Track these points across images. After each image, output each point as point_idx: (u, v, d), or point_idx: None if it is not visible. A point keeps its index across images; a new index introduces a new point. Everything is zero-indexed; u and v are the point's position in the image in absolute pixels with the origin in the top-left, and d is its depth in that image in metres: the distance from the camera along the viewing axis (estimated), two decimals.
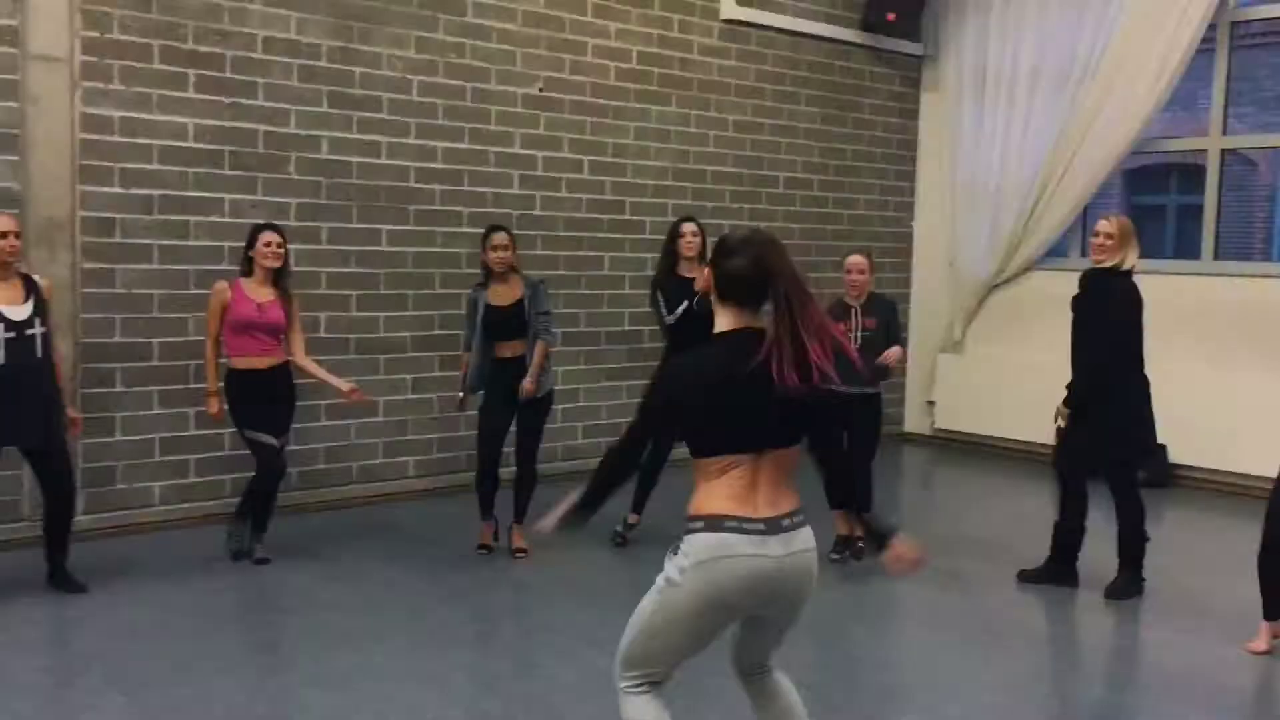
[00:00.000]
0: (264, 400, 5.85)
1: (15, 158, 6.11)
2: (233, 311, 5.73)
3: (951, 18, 10.11)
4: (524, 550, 6.26)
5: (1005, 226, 9.75)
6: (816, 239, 9.81)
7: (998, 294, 10.01)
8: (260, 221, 6.18)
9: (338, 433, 7.33)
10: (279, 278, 5.90)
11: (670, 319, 6.28)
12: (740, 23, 9.13)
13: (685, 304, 6.18)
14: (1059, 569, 6.02)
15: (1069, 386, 5.83)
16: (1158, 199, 13.37)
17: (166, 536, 6.48)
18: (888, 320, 6.30)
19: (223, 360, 5.92)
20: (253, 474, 6.01)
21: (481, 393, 6.25)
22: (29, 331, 5.23)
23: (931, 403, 10.46)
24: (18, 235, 5.27)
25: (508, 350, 6.15)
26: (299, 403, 6.15)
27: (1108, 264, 5.73)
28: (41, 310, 5.30)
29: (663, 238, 8.57)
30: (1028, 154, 9.55)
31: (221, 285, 5.81)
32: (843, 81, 9.93)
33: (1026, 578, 6.08)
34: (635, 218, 8.63)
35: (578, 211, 8.35)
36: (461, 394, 6.35)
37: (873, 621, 5.50)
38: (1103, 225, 5.75)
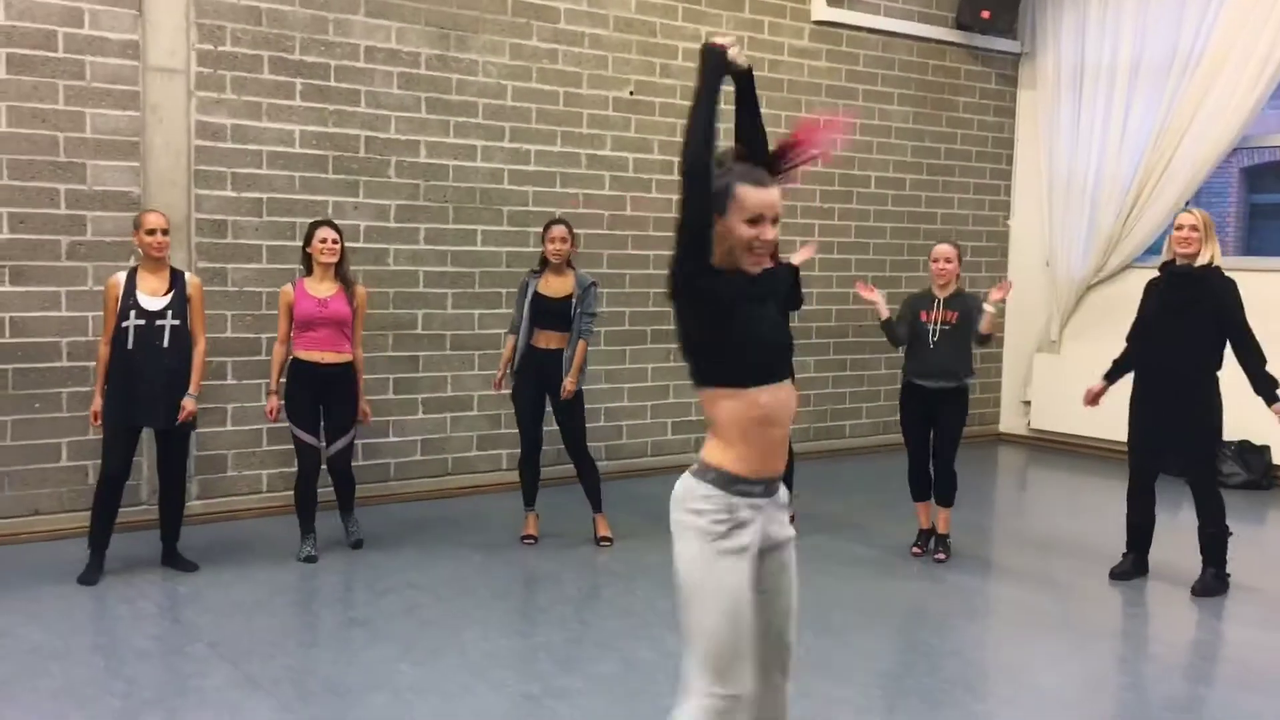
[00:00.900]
0: (316, 395, 6.03)
1: (137, 163, 6.51)
2: (297, 309, 5.97)
3: (1049, 14, 10.02)
4: (608, 539, 6.45)
5: (1103, 225, 9.64)
6: (909, 238, 9.83)
7: (1095, 293, 9.89)
8: (317, 219, 6.41)
9: (434, 426, 7.61)
10: (340, 271, 6.11)
11: None
12: (831, 24, 9.20)
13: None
14: (1140, 561, 6.03)
15: (1266, 385, 5.71)
16: (1275, 198, 13.03)
17: (273, 521, 6.80)
18: (970, 314, 6.31)
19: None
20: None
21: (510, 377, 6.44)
22: (159, 322, 5.61)
23: (1027, 403, 10.37)
24: (165, 232, 5.65)
25: (544, 341, 6.33)
26: (395, 397, 6.43)
27: (1202, 259, 5.67)
28: (179, 304, 5.67)
29: None
30: (1126, 151, 9.43)
31: (286, 287, 6.05)
32: (937, 80, 9.92)
33: (1117, 574, 6.06)
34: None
35: (668, 212, 8.50)
36: (500, 376, 6.53)
37: (955, 615, 5.53)
38: (1186, 218, 5.71)
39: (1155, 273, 5.99)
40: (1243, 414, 8.63)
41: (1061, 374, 9.99)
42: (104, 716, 4.07)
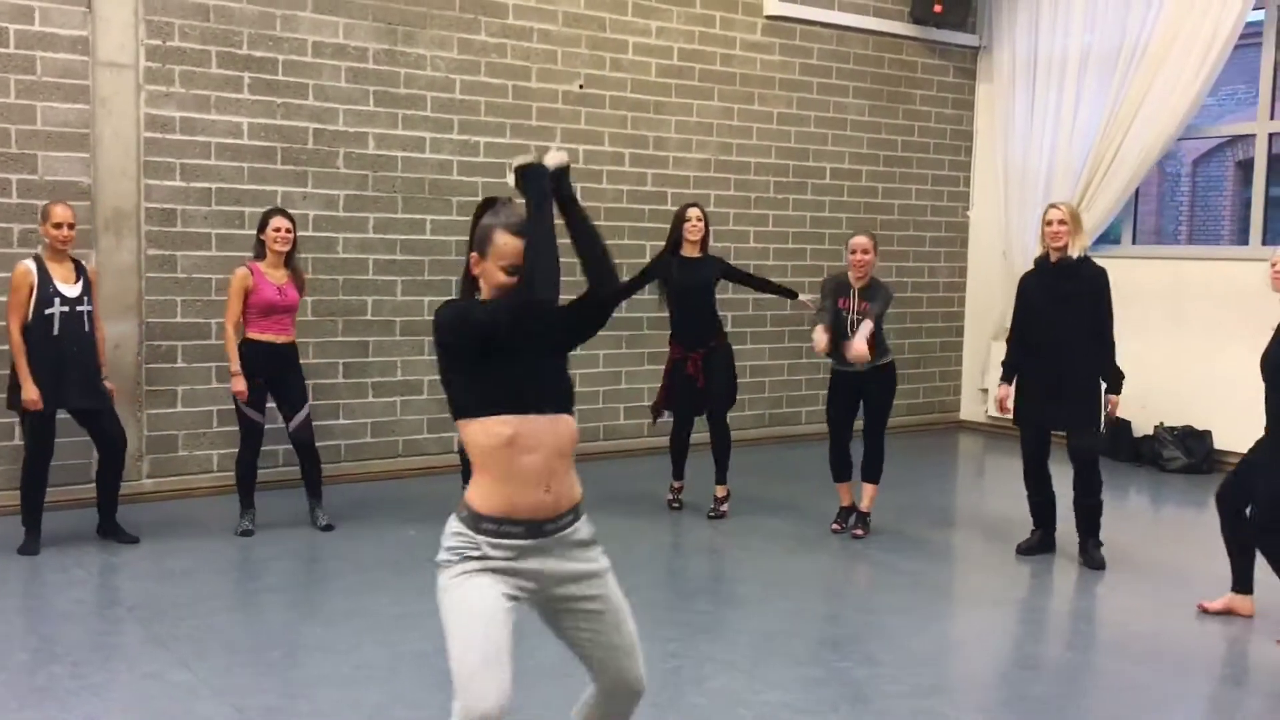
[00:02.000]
0: (266, 375, 6.28)
1: (86, 155, 6.80)
2: (256, 295, 6.21)
3: (1005, 7, 10.18)
4: None
5: None
6: (866, 228, 9.98)
7: None
8: (271, 207, 6.67)
9: (384, 409, 7.87)
10: (290, 259, 6.37)
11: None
12: (784, 18, 9.39)
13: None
14: (1047, 537, 6.21)
15: (1115, 376, 5.95)
16: None
17: (221, 501, 7.04)
18: (879, 305, 6.45)
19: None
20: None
21: None
22: (80, 308, 5.88)
23: (985, 390, 10.51)
24: (72, 225, 5.91)
25: None
26: (346, 380, 6.64)
27: (1073, 251, 5.90)
28: (89, 290, 5.94)
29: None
30: (1077, 140, 9.58)
31: (243, 271, 6.27)
32: (894, 74, 10.09)
33: (1023, 550, 6.24)
34: (676, 208, 8.94)
35: (619, 202, 8.74)
36: None
37: (850, 584, 5.74)
38: (1054, 213, 5.92)
39: (1101, 261, 6.15)
40: (1184, 399, 8.86)
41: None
42: (10, 668, 4.33)
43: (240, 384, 6.25)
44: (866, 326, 6.15)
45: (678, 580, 5.81)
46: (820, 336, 6.22)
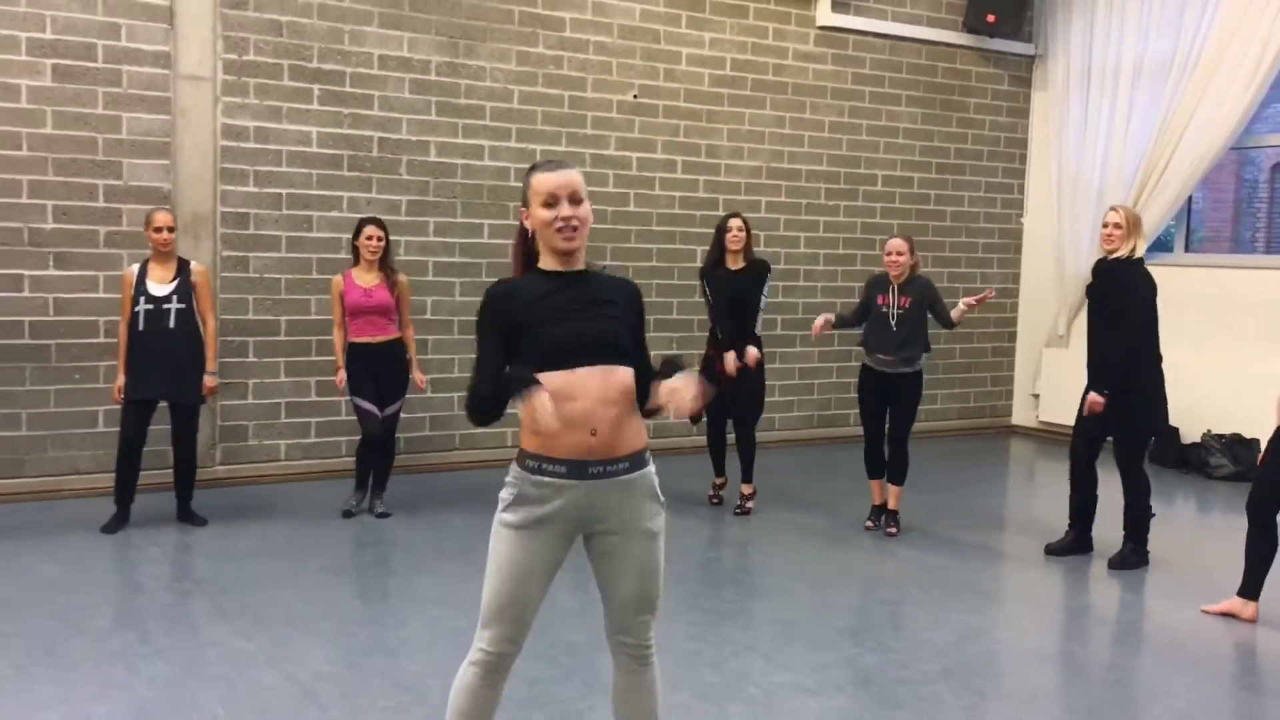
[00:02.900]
0: (370, 371, 6.69)
1: (167, 162, 7.27)
2: (346, 299, 6.65)
3: (1060, 17, 10.29)
4: None
5: None
6: (917, 235, 9.97)
7: None
8: (366, 215, 7.08)
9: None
10: (384, 263, 6.75)
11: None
12: (837, 29, 9.60)
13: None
14: (1081, 538, 6.35)
15: (1107, 376, 6.05)
16: None
17: (289, 488, 7.50)
18: (923, 297, 6.65)
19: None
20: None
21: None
22: (165, 306, 6.33)
23: (1036, 396, 10.62)
24: (171, 229, 6.37)
25: None
26: (450, 376, 6.98)
27: (1120, 253, 6.02)
28: (183, 290, 6.38)
29: (757, 232, 9.23)
30: (1130, 147, 9.67)
31: (337, 279, 6.73)
32: (947, 82, 10.25)
33: (1053, 549, 6.40)
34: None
35: (671, 208, 9.03)
36: None
37: (877, 578, 5.96)
38: (1110, 215, 6.04)
39: (1151, 269, 6.26)
40: (1232, 407, 8.88)
41: (1069, 368, 10.19)
42: (86, 634, 4.75)
43: (340, 376, 6.70)
44: (960, 309, 6.48)
45: (708, 571, 6.07)
46: (818, 322, 6.72)
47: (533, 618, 2.98)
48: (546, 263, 2.99)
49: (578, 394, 2.84)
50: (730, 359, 6.92)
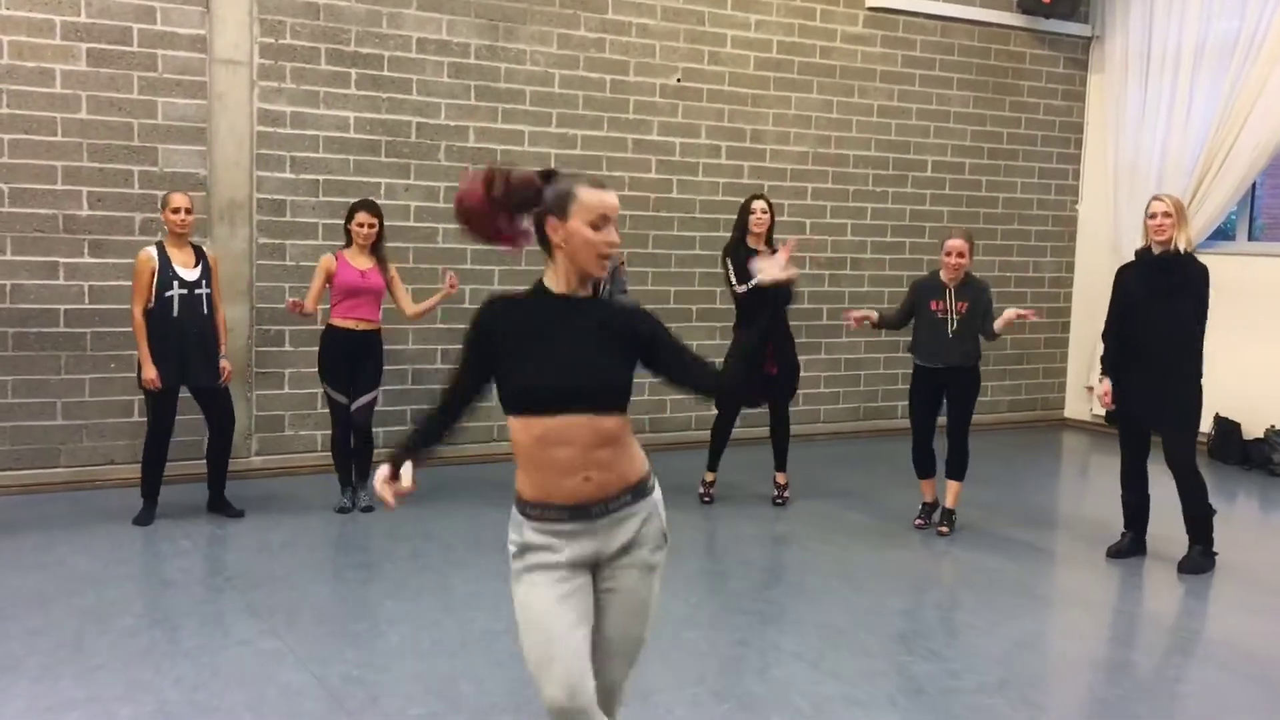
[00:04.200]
0: (347, 359, 6.54)
1: (203, 148, 7.16)
2: (340, 277, 6.48)
3: None
4: None
5: None
6: (968, 222, 9.85)
7: None
8: (360, 200, 6.86)
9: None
10: (376, 250, 6.59)
11: (742, 289, 6.68)
12: (886, 10, 9.33)
13: (756, 278, 6.60)
14: (1138, 540, 6.10)
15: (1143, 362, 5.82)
16: None
17: (325, 478, 7.35)
18: (979, 303, 6.41)
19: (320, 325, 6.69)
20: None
21: None
22: (198, 291, 6.21)
23: (1091, 389, 10.30)
24: (189, 211, 6.24)
25: None
26: (445, 366, 6.82)
27: (1175, 244, 5.75)
28: (208, 274, 6.27)
29: (801, 219, 9.01)
30: (1191, 135, 9.33)
31: (328, 257, 6.56)
32: (1000, 65, 9.94)
33: (1113, 552, 6.14)
34: (774, 200, 8.98)
35: (715, 195, 8.81)
36: None
37: (928, 580, 5.74)
38: (1158, 205, 5.78)
39: (1206, 258, 5.99)
40: None
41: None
42: (115, 631, 4.65)
43: (296, 301, 6.45)
44: (1007, 318, 6.20)
45: (753, 570, 5.88)
46: (856, 314, 6.46)
47: (587, 665, 2.69)
48: (556, 283, 2.75)
49: (567, 439, 2.67)
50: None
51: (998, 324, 6.27)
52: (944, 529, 6.54)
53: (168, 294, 6.12)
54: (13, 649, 4.43)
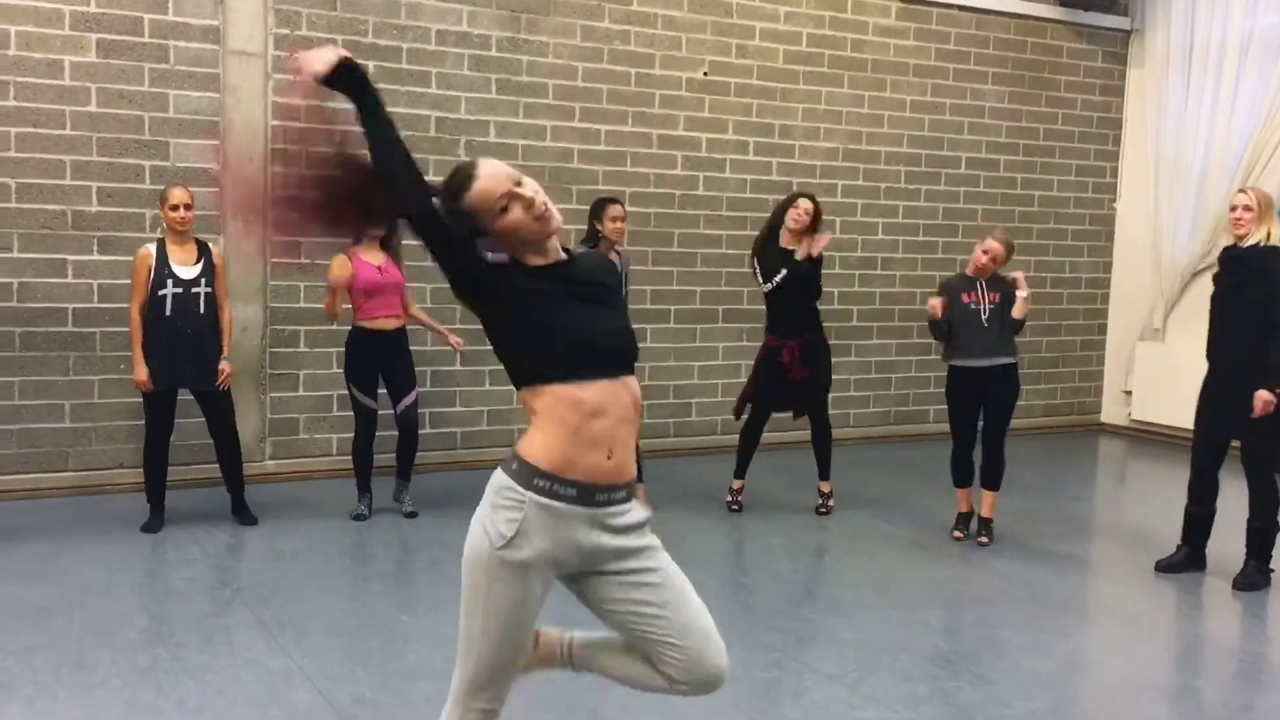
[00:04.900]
0: (379, 361, 6.32)
1: (216, 142, 6.94)
2: (358, 277, 6.25)
3: None
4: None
5: (1211, 207, 9.21)
6: (1003, 221, 9.50)
7: (1202, 279, 9.42)
8: None
9: (500, 398, 7.85)
10: (385, 244, 6.33)
11: (768, 287, 6.45)
12: (920, 2, 9.05)
13: (783, 271, 6.37)
14: (1195, 555, 5.80)
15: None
16: None
17: (339, 483, 7.12)
18: (1009, 295, 6.15)
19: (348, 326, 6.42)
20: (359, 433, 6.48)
21: None
22: (195, 290, 5.97)
23: (1129, 392, 10.00)
24: (189, 207, 5.98)
25: None
26: (464, 368, 6.62)
27: (1254, 239, 5.45)
28: (209, 272, 6.03)
29: (831, 217, 8.73)
30: (1235, 129, 9.02)
31: (341, 258, 6.30)
32: (1037, 59, 9.64)
33: (1164, 566, 5.85)
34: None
35: (742, 192, 8.55)
36: None
37: (970, 596, 5.45)
38: (1239, 198, 5.49)
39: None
40: None
41: (1165, 363, 9.60)
42: (117, 646, 4.42)
43: (330, 302, 6.26)
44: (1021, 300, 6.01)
45: (784, 584, 5.61)
46: (935, 302, 6.16)
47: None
48: (535, 258, 2.61)
49: (604, 409, 2.50)
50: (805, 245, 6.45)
51: (1015, 311, 6.02)
52: (984, 539, 6.27)
53: (161, 293, 5.89)
54: (9, 666, 4.22)
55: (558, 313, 2.53)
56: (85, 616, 4.74)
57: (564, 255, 2.65)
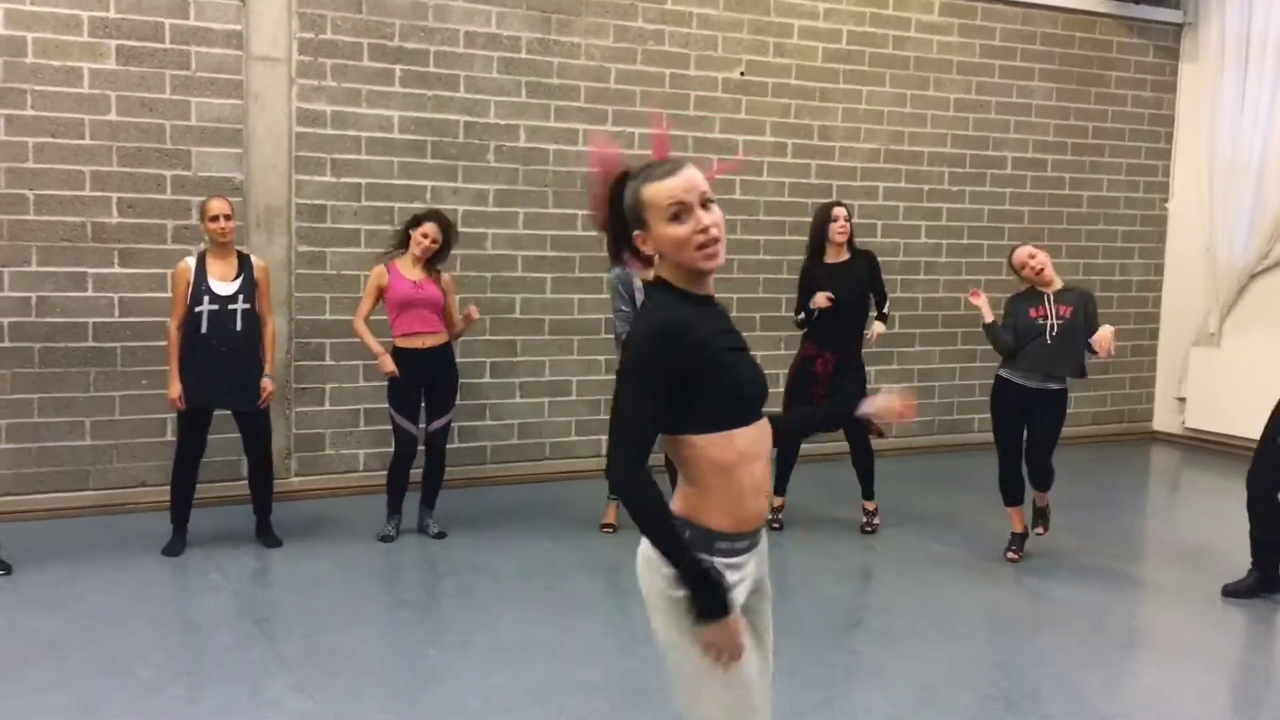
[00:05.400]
0: (419, 382, 6.09)
1: (239, 150, 6.74)
2: (392, 290, 6.02)
3: None
4: None
5: (1270, 208, 8.86)
6: (1050, 223, 9.27)
7: (1259, 282, 9.11)
8: (429, 209, 6.43)
9: (531, 410, 7.62)
10: (431, 265, 6.10)
11: (799, 317, 6.32)
12: None
13: (815, 312, 6.27)
14: (1268, 580, 5.48)
15: None
16: None
17: (366, 500, 6.91)
18: (1086, 310, 5.83)
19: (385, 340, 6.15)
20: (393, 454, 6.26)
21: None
22: (231, 306, 5.76)
23: (1182, 400, 9.64)
24: (229, 217, 5.79)
25: None
26: (493, 380, 6.40)
27: None
28: (248, 288, 5.81)
29: (872, 220, 8.44)
30: None
31: (379, 269, 6.09)
32: (1085, 54, 9.30)
33: (1231, 591, 5.53)
34: (845, 201, 8.43)
35: (780, 195, 8.27)
36: None
37: (1028, 624, 5.15)
38: None
39: None
40: None
41: (1221, 370, 9.26)
42: (132, 686, 4.21)
43: (387, 364, 6.03)
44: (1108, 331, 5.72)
45: (831, 610, 5.33)
46: (978, 301, 5.93)
47: None
48: (685, 285, 2.40)
49: (758, 452, 2.43)
50: (821, 296, 6.20)
51: (1097, 343, 5.69)
52: (1040, 530, 6.01)
53: (197, 309, 5.69)
54: (20, 706, 4.02)
55: (727, 356, 2.39)
56: (101, 652, 4.53)
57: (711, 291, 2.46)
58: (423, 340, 6.06)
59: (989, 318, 5.91)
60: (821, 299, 6.17)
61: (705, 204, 2.36)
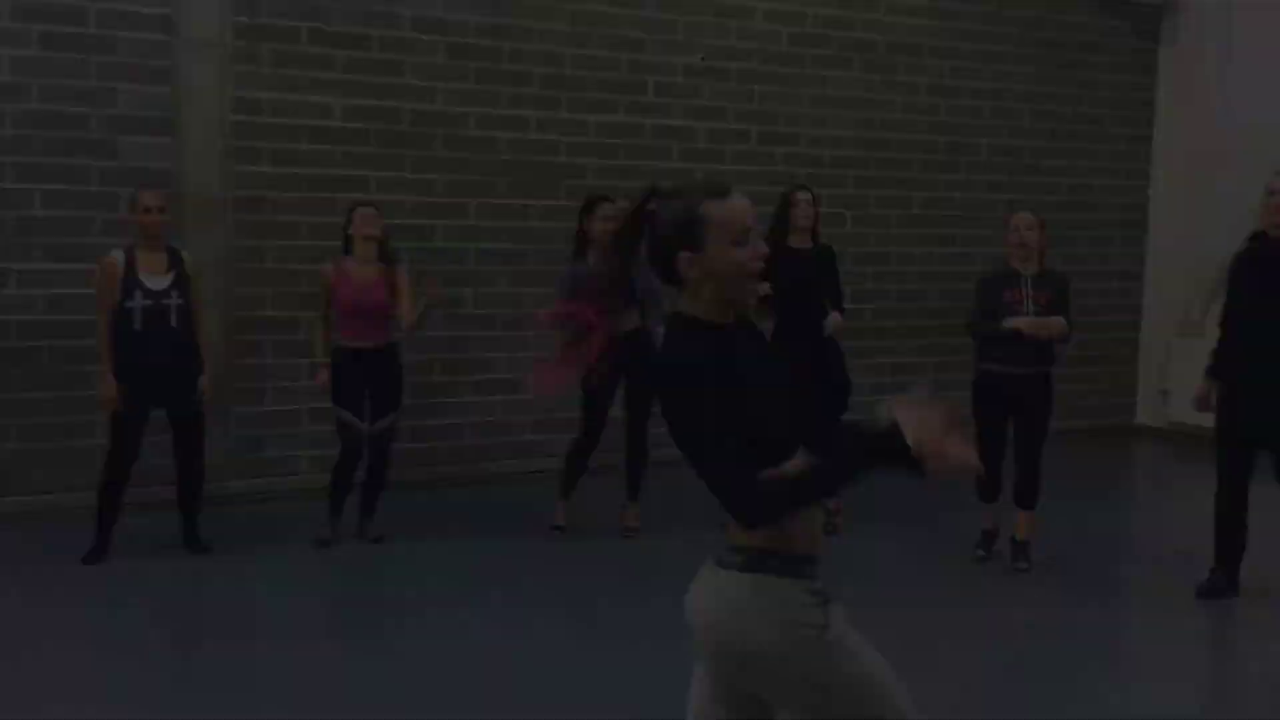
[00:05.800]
0: (361, 378, 5.83)
1: (170, 140, 6.46)
2: (339, 297, 5.76)
3: None
4: (634, 529, 6.14)
5: (1252, 195, 8.55)
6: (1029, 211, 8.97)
7: None
8: (359, 199, 6.17)
9: (485, 409, 7.35)
10: (383, 253, 5.85)
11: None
12: None
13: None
14: (1231, 575, 5.23)
15: None
16: None
17: (309, 505, 6.61)
18: (1062, 297, 5.57)
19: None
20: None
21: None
22: (165, 302, 5.49)
23: (1165, 392, 9.37)
24: (162, 210, 5.53)
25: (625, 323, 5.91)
26: (443, 378, 6.15)
27: None
28: (182, 283, 5.54)
29: (841, 210, 8.16)
30: (1277, 110, 8.38)
31: (326, 268, 5.82)
32: (1061, 37, 9.05)
33: (1205, 592, 5.26)
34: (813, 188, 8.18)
35: (743, 185, 7.93)
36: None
37: (1006, 650, 4.84)
38: (1276, 182, 4.91)
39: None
40: None
41: (1205, 360, 8.96)
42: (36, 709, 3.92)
43: (323, 374, 5.84)
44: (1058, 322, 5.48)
45: None
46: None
47: None
48: (712, 314, 2.22)
49: None
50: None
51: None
52: (1023, 565, 5.66)
53: (128, 305, 5.42)
54: None
55: (774, 391, 2.29)
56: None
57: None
58: (365, 342, 5.79)
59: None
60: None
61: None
